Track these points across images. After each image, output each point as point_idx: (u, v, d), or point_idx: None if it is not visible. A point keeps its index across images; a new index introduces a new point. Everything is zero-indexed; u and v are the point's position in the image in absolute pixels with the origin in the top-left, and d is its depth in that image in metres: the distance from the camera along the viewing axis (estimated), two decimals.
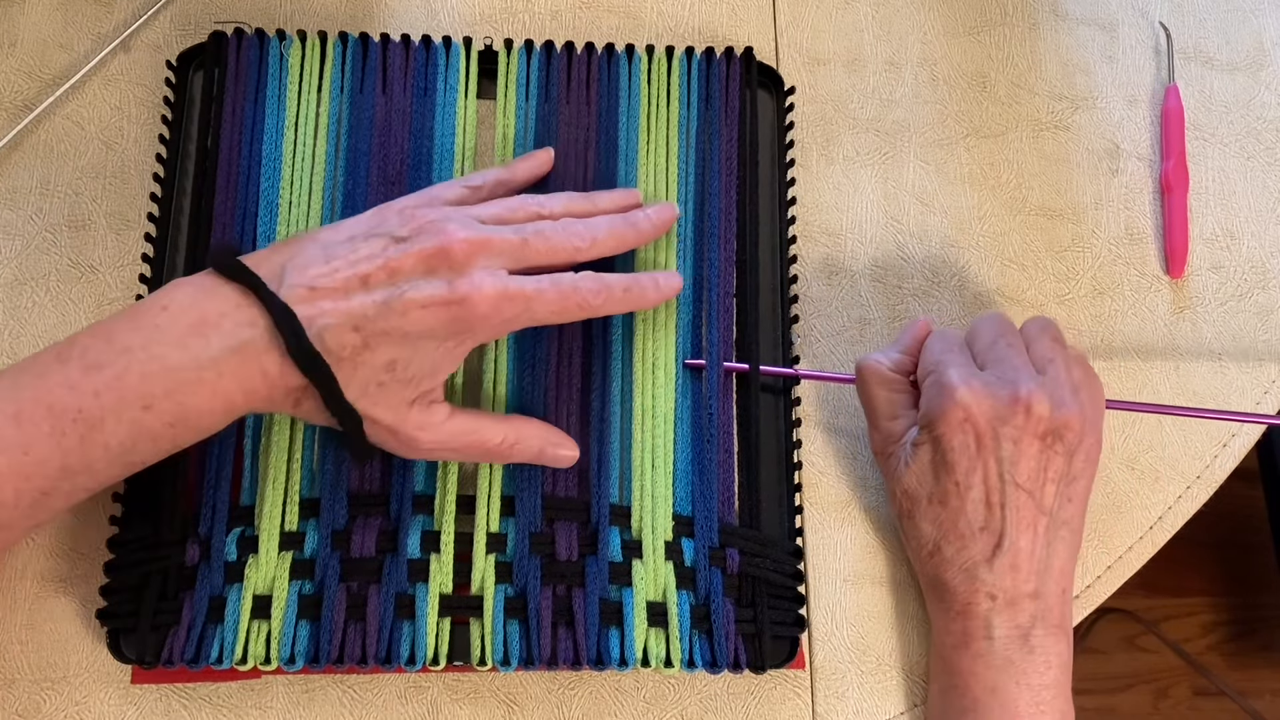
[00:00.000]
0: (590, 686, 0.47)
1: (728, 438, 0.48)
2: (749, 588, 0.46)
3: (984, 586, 0.44)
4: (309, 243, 0.41)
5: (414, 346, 0.40)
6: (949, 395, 0.44)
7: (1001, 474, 0.44)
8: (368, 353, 0.39)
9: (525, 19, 0.57)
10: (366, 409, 0.40)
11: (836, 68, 0.58)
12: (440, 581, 0.45)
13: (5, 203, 0.51)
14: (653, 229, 0.47)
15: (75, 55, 0.54)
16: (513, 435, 0.44)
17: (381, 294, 0.39)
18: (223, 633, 0.43)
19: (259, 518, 0.45)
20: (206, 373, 0.38)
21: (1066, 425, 0.44)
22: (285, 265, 0.40)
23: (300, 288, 0.39)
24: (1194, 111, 0.59)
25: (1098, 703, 1.19)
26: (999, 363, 0.45)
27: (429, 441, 0.42)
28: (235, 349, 0.38)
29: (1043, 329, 0.47)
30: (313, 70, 0.52)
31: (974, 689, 0.43)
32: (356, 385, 0.40)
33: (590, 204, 0.47)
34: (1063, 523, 0.45)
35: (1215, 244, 0.57)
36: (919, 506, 0.45)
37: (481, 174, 0.47)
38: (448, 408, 0.43)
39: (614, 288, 0.44)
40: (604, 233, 0.45)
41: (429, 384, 0.42)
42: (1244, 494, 1.14)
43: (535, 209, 0.45)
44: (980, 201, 0.56)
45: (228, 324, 0.39)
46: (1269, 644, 1.25)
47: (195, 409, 0.39)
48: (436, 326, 0.40)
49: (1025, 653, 0.43)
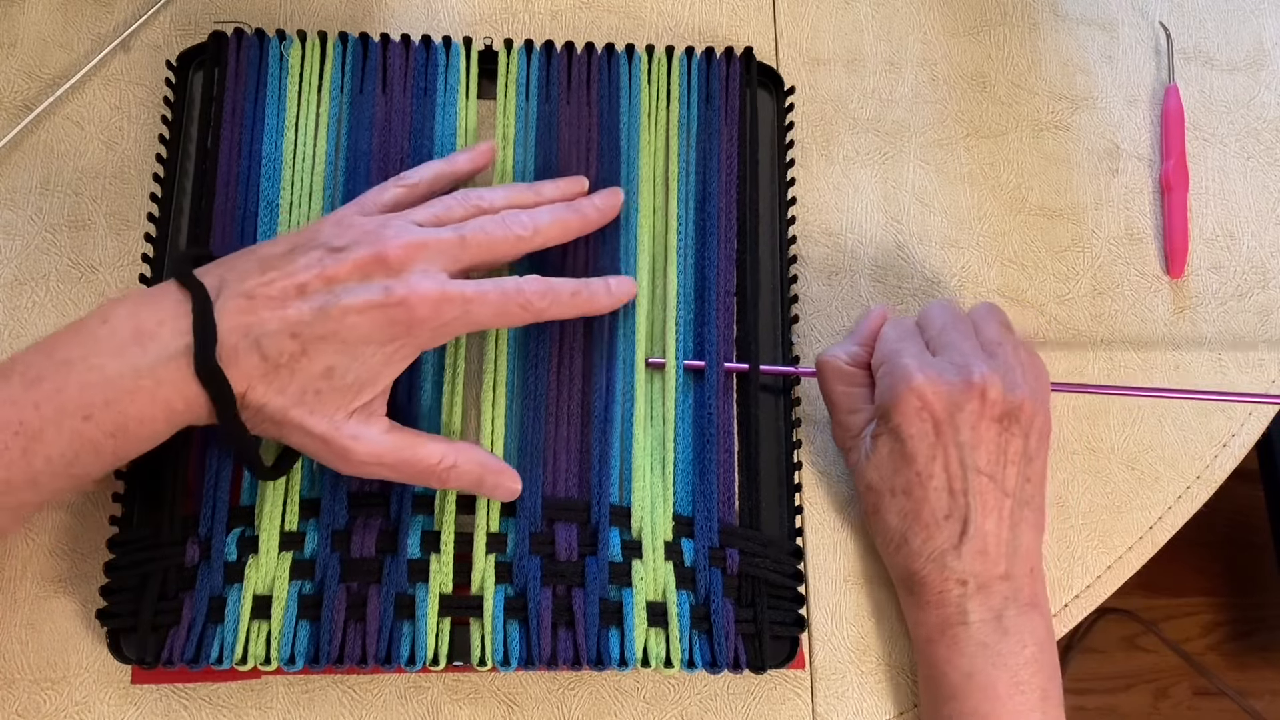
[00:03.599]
0: (590, 686, 0.47)
1: (728, 438, 0.48)
2: (749, 588, 0.46)
3: (954, 574, 0.44)
4: (248, 256, 0.42)
5: (352, 353, 0.40)
6: (904, 382, 0.44)
7: (962, 460, 0.44)
8: (305, 359, 0.40)
9: (525, 19, 0.57)
10: (302, 418, 0.40)
11: (836, 68, 0.58)
12: (440, 581, 0.45)
13: (5, 203, 0.51)
14: (599, 215, 0.48)
15: (75, 55, 0.54)
16: (451, 458, 0.43)
17: (318, 300, 0.40)
18: (223, 633, 0.43)
19: (259, 518, 0.45)
20: (144, 381, 0.38)
21: (1020, 406, 0.44)
22: (225, 277, 0.40)
23: (239, 298, 0.39)
24: (1194, 111, 0.59)
25: (1098, 703, 1.19)
26: (950, 348, 0.46)
27: (363, 454, 0.41)
28: (172, 356, 0.39)
29: (989, 314, 0.48)
30: (313, 70, 0.52)
31: (952, 676, 0.44)
32: (294, 392, 0.40)
33: (534, 194, 0.47)
34: (1025, 503, 0.45)
35: (1215, 244, 0.57)
36: (883, 500, 0.46)
37: (418, 170, 0.47)
38: (387, 423, 0.42)
39: (560, 291, 0.44)
40: (547, 221, 0.45)
41: (369, 393, 0.41)
42: (1244, 494, 1.14)
43: (475, 203, 0.45)
44: (980, 201, 0.56)
45: (165, 332, 0.39)
46: (1269, 644, 1.25)
47: (135, 417, 0.39)
48: (374, 331, 0.40)
49: (1000, 634, 0.43)
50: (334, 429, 0.41)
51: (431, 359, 0.48)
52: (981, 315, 0.48)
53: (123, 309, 0.39)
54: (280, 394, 0.40)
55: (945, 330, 0.46)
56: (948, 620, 0.44)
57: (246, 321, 0.39)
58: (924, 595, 0.45)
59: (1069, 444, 0.52)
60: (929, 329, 0.47)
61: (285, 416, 0.40)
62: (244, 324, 0.39)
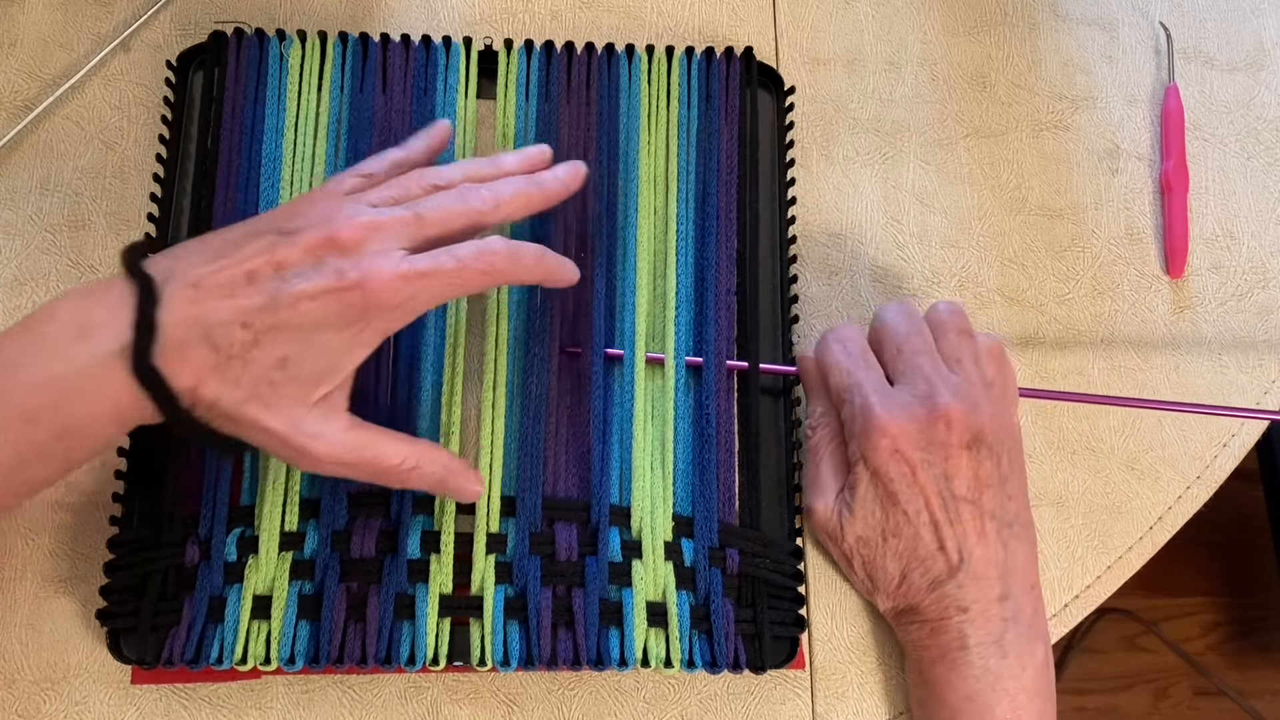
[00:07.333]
0: (590, 686, 0.47)
1: (728, 437, 0.48)
2: (749, 588, 0.46)
3: (954, 602, 0.44)
4: (200, 244, 0.40)
5: (307, 341, 0.38)
6: (872, 425, 0.44)
7: (941, 491, 0.44)
8: (258, 349, 0.38)
9: (525, 19, 0.57)
10: (258, 414, 0.38)
11: (836, 68, 0.58)
12: (440, 582, 0.45)
13: (5, 203, 0.51)
14: (561, 187, 0.45)
15: (75, 55, 0.54)
16: (414, 458, 0.41)
17: (269, 287, 0.38)
18: (223, 633, 0.43)
19: (259, 518, 0.45)
20: (87, 380, 0.37)
21: (983, 430, 0.44)
22: (174, 267, 0.38)
23: (187, 288, 0.37)
24: (1194, 111, 0.59)
25: (1098, 703, 1.19)
26: (911, 374, 0.45)
27: (322, 452, 0.39)
28: (114, 354, 0.37)
29: (949, 318, 0.47)
30: (313, 70, 0.52)
31: (950, 698, 0.44)
32: (248, 384, 0.38)
33: (494, 167, 0.45)
34: (1010, 522, 0.45)
35: (1215, 244, 0.57)
36: (877, 549, 0.45)
37: (377, 158, 0.44)
38: (349, 419, 0.40)
39: (524, 254, 0.42)
40: (509, 194, 0.43)
41: (328, 383, 0.39)
42: (1244, 494, 1.14)
43: (432, 181, 0.42)
44: (980, 201, 0.56)
45: (108, 328, 0.37)
46: (1269, 644, 1.25)
47: (82, 419, 0.37)
48: (329, 316, 0.38)
49: (1000, 658, 0.43)
50: (292, 426, 0.39)
51: (431, 358, 0.48)
52: (939, 321, 0.47)
53: (68, 305, 0.37)
54: (235, 387, 0.38)
55: (904, 351, 0.46)
56: (948, 645, 0.44)
57: (195, 313, 0.37)
58: (925, 624, 0.45)
59: (1069, 444, 0.52)
60: (886, 348, 0.47)
61: (240, 412, 0.38)
62: (192, 315, 0.37)
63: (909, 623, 0.45)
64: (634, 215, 0.51)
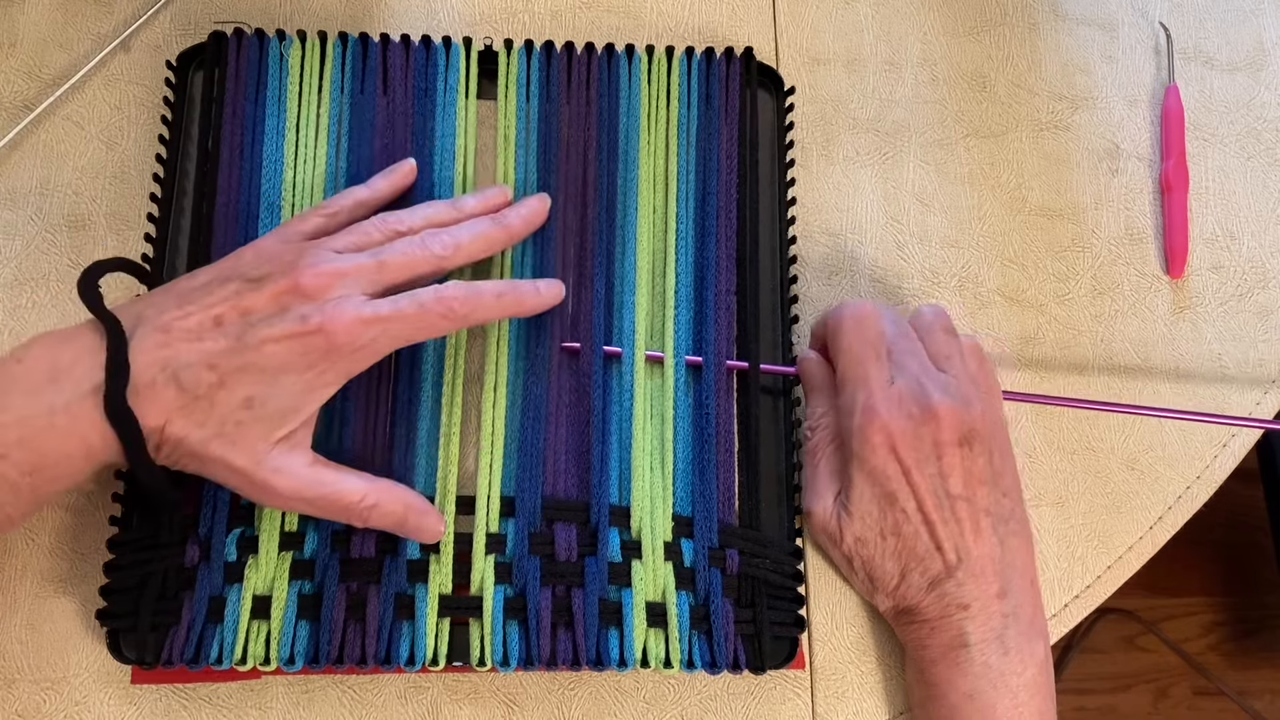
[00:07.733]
0: (590, 687, 0.47)
1: (728, 437, 0.48)
2: (749, 588, 0.46)
3: (954, 600, 0.44)
4: (167, 291, 0.42)
5: (271, 382, 0.40)
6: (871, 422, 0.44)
7: (935, 490, 0.44)
8: (224, 391, 0.39)
9: (525, 19, 0.57)
10: (222, 450, 0.40)
11: (836, 68, 0.58)
12: (440, 582, 0.45)
13: (5, 203, 0.51)
14: (524, 225, 0.48)
15: (75, 55, 0.54)
16: (374, 496, 0.42)
17: (235, 331, 0.40)
18: (222, 633, 0.43)
19: (259, 518, 0.45)
20: (59, 419, 0.38)
21: (975, 426, 0.45)
22: (143, 313, 0.40)
23: (156, 332, 0.39)
24: (1194, 111, 0.59)
25: (1098, 703, 1.19)
26: (900, 371, 0.46)
27: (284, 488, 0.41)
28: (86, 395, 0.38)
29: (934, 320, 0.48)
30: (313, 71, 0.52)
31: (951, 696, 0.44)
32: (214, 424, 0.40)
33: (455, 210, 0.47)
34: (1005, 518, 0.45)
35: (1215, 244, 0.57)
36: (875, 549, 0.46)
37: (339, 198, 0.47)
38: (311, 456, 0.42)
39: (484, 294, 0.44)
40: (468, 238, 0.45)
41: (292, 422, 0.41)
42: (1244, 494, 1.14)
43: (393, 227, 0.45)
44: (980, 201, 0.56)
45: (80, 370, 0.39)
46: (1269, 644, 1.25)
47: (52, 456, 0.38)
48: (292, 359, 0.40)
49: (1001, 655, 0.43)
50: (254, 463, 0.40)
51: (432, 360, 0.48)
52: (925, 324, 0.48)
53: (39, 347, 0.39)
54: (200, 426, 0.39)
55: (892, 349, 0.46)
56: (949, 644, 0.44)
57: (163, 356, 0.39)
58: (925, 623, 0.45)
59: (1069, 444, 0.52)
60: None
61: (206, 450, 0.40)
62: (161, 358, 0.39)
63: (909, 622, 0.45)
64: (634, 215, 0.51)
